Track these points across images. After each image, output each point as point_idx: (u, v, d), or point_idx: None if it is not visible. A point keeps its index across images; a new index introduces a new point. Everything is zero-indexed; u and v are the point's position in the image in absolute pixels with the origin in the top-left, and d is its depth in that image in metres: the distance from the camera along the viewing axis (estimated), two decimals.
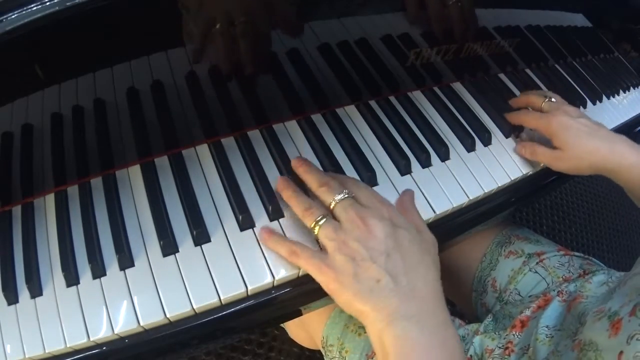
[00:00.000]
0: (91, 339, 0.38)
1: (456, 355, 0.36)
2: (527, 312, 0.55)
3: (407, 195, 0.47)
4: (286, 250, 0.40)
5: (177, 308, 0.39)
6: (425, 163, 0.51)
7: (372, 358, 0.56)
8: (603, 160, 0.49)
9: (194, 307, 0.39)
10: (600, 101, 0.69)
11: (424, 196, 0.48)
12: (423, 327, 0.35)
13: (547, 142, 0.54)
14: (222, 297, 0.40)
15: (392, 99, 0.57)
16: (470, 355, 0.54)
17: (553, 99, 0.55)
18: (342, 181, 0.42)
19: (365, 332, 0.58)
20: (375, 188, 0.48)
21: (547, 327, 0.50)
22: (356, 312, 0.37)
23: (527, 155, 0.54)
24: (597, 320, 0.40)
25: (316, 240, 0.41)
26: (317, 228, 0.39)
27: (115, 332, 0.38)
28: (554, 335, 0.49)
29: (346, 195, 0.40)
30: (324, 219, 0.39)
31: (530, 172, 0.55)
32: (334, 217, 0.40)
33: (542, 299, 0.56)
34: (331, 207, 0.40)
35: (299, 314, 0.49)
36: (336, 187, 0.41)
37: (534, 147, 0.54)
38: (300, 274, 0.42)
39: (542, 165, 0.56)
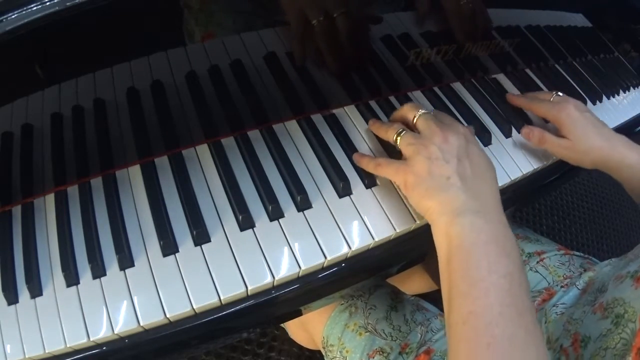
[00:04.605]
0: (91, 339, 0.38)
1: (516, 249, 0.38)
2: (534, 305, 0.55)
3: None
4: (373, 165, 0.46)
5: (177, 308, 0.39)
6: None
7: (372, 358, 0.56)
8: (604, 158, 0.51)
9: (194, 307, 0.39)
10: (600, 101, 0.69)
11: None
12: (487, 220, 0.38)
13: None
14: (222, 297, 0.40)
15: (392, 99, 0.57)
16: None
17: (560, 93, 0.57)
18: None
19: (366, 332, 0.58)
20: (378, 185, 0.48)
21: (558, 305, 0.51)
22: (425, 208, 0.41)
23: (535, 141, 0.54)
24: (619, 283, 0.42)
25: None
26: (398, 139, 0.45)
27: (115, 332, 0.38)
28: (564, 312, 0.49)
29: (427, 112, 0.45)
30: (405, 131, 0.45)
31: (530, 172, 0.55)
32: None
33: (546, 293, 0.56)
34: (414, 120, 0.46)
35: (299, 313, 0.49)
36: (418, 106, 0.47)
37: (543, 134, 0.54)
38: (301, 273, 0.42)
39: (541, 165, 0.56)
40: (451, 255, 0.38)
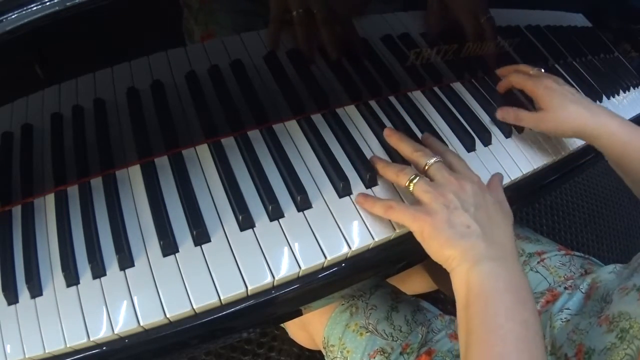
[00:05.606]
0: (91, 339, 0.38)
1: (531, 296, 0.39)
2: (537, 307, 0.55)
3: (496, 176, 0.50)
4: (382, 207, 0.43)
5: (177, 308, 0.39)
6: None
7: (373, 358, 0.56)
8: (584, 126, 0.51)
9: (194, 307, 0.39)
10: (600, 101, 0.69)
11: None
12: (505, 267, 0.39)
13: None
14: (222, 297, 0.40)
15: (392, 99, 0.57)
16: None
17: (542, 70, 0.57)
18: (435, 148, 0.47)
19: (366, 332, 0.58)
20: (378, 185, 0.48)
21: (564, 310, 0.51)
22: (444, 257, 0.40)
23: (512, 120, 0.55)
24: (624, 295, 0.42)
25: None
26: (411, 185, 0.43)
27: (115, 332, 0.38)
28: (570, 319, 0.49)
29: (439, 159, 0.44)
30: (417, 177, 0.43)
31: (530, 172, 0.55)
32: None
33: (549, 294, 0.56)
34: (425, 168, 0.44)
35: (299, 313, 0.49)
36: (429, 152, 0.45)
37: (517, 112, 0.55)
38: (301, 273, 0.42)
39: (541, 165, 0.56)
40: (469, 303, 0.38)
